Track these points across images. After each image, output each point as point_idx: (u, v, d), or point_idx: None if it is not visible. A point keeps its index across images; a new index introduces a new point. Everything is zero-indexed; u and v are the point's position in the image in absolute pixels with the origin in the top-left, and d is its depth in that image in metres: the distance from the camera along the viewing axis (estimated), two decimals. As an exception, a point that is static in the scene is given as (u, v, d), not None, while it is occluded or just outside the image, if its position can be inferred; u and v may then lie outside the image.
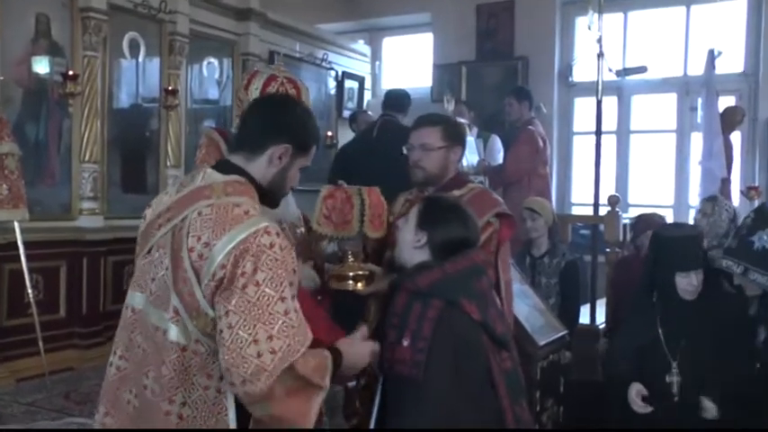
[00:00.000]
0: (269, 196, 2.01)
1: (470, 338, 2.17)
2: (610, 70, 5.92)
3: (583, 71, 7.44)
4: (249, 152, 1.97)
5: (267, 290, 1.72)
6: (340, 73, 8.43)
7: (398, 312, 2.22)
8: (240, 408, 1.81)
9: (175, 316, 1.81)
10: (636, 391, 3.09)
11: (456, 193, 2.71)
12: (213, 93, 6.86)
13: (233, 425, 1.81)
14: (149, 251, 1.93)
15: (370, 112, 7.26)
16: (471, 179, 2.94)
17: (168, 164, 6.21)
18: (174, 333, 1.81)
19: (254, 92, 2.65)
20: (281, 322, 1.72)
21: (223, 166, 1.98)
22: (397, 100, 5.55)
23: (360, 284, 2.47)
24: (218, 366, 1.78)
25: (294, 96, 2.61)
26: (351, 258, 2.50)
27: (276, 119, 2.00)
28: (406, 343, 2.13)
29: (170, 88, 6.08)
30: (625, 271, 4.42)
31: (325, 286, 2.55)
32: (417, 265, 2.30)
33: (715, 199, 4.30)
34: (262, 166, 1.97)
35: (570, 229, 5.24)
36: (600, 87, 5.30)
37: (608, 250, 4.88)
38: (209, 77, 6.80)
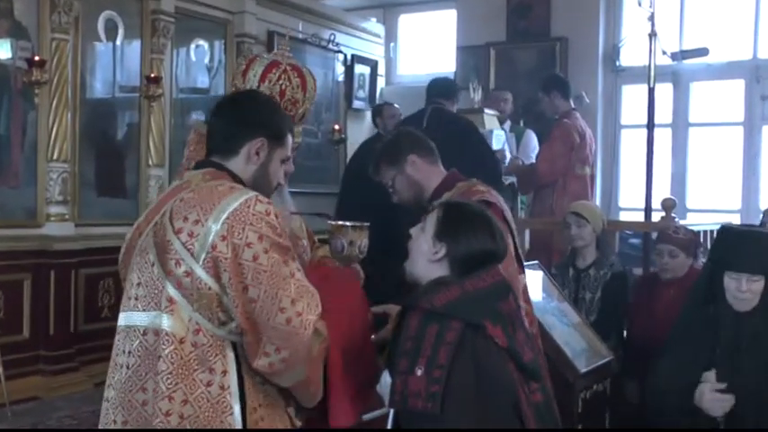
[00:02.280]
0: None
1: (495, 367, 2.14)
2: (664, 53, 5.90)
3: (632, 54, 7.39)
4: (224, 154, 2.16)
5: (275, 255, 1.95)
6: (349, 56, 8.45)
7: (411, 336, 2.17)
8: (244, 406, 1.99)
9: (170, 305, 1.95)
10: (709, 389, 2.97)
11: (446, 195, 2.82)
12: (203, 80, 6.89)
13: (238, 424, 1.97)
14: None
15: (396, 106, 7.28)
16: (467, 179, 2.97)
17: (150, 162, 6.23)
18: (167, 323, 1.95)
19: (253, 79, 2.65)
20: (293, 284, 1.97)
21: (202, 165, 2.18)
22: (445, 87, 5.54)
23: None
24: (220, 360, 1.96)
25: (297, 85, 2.64)
26: None
27: (243, 114, 2.19)
28: (419, 372, 2.09)
29: (152, 75, 6.11)
30: (645, 293, 4.26)
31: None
32: (433, 281, 2.27)
33: None
34: (240, 165, 2.16)
35: (617, 238, 5.20)
36: (652, 73, 5.28)
37: (662, 263, 4.84)
38: (197, 63, 6.84)
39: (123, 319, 2.06)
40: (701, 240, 4.72)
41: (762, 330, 3.04)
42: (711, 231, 4.96)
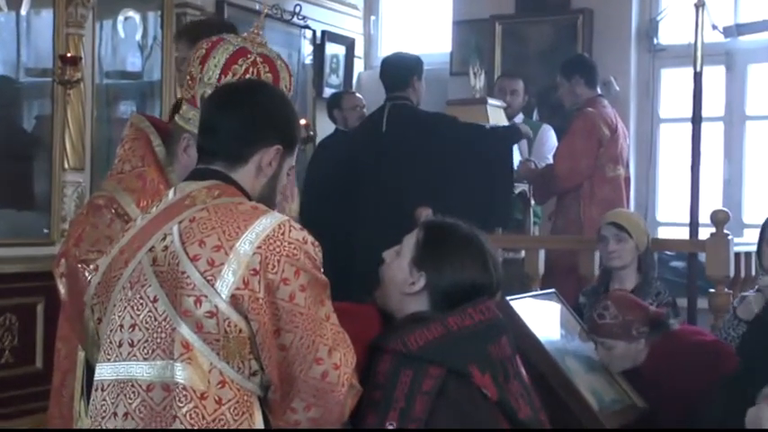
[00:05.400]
0: None
1: (483, 422, 2.17)
2: (714, 28, 5.92)
3: (674, 30, 7.43)
4: (231, 162, 2.19)
5: (312, 293, 2.03)
6: (319, 33, 8.48)
7: (380, 384, 2.25)
8: None
9: (186, 352, 1.97)
10: None
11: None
12: (134, 62, 6.88)
13: None
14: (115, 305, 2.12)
15: (358, 95, 7.28)
16: None
17: (66, 165, 6.14)
18: (182, 374, 1.96)
19: (213, 69, 2.68)
20: (330, 330, 2.06)
21: (200, 174, 2.20)
22: (399, 72, 5.52)
23: None
24: (247, 420, 2.00)
25: (268, 80, 2.68)
26: None
27: (259, 114, 2.22)
28: (391, 426, 2.15)
29: (69, 55, 6.05)
30: None
31: None
32: (409, 317, 2.33)
33: None
34: (249, 177, 2.20)
35: (656, 260, 5.19)
36: (699, 53, 5.28)
37: (712, 291, 4.84)
38: (127, 40, 6.80)
39: (110, 370, 2.07)
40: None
41: None
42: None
